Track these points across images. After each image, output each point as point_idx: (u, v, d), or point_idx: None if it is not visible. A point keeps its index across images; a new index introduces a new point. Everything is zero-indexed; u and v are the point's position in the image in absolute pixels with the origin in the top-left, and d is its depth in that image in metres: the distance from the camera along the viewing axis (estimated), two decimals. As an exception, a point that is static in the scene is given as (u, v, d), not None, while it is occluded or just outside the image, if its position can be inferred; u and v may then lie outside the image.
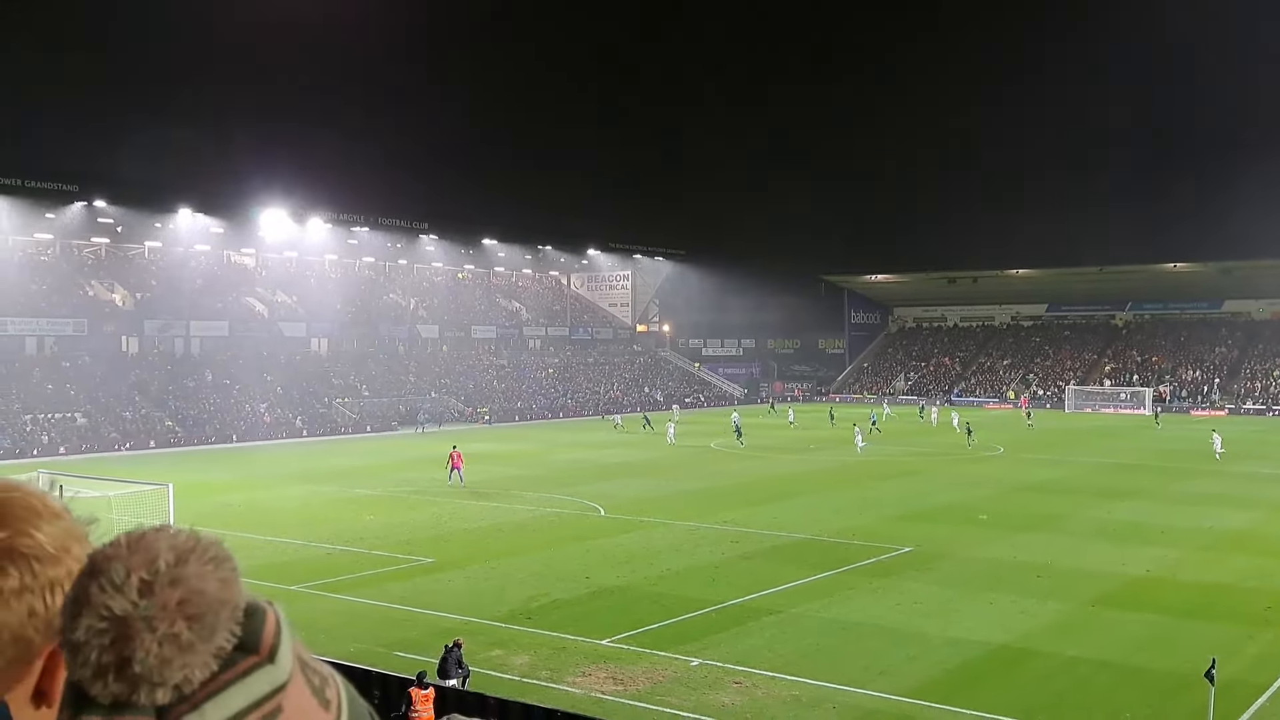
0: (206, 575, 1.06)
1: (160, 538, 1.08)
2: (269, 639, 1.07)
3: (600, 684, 18.08)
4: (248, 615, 1.07)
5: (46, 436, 55.90)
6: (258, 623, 1.07)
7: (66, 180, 65.77)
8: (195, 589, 1.04)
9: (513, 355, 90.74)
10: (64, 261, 72.76)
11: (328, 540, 30.53)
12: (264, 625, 1.07)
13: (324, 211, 77.97)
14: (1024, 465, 47.76)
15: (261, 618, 1.08)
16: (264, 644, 1.06)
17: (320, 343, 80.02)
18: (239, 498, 38.89)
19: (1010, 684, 18.26)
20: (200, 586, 1.05)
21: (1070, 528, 31.91)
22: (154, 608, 1.02)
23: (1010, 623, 21.59)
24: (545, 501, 37.36)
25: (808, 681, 18.10)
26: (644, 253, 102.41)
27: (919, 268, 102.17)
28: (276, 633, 1.08)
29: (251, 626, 1.07)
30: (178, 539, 1.08)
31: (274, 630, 1.08)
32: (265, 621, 1.08)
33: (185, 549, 1.07)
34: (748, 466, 47.86)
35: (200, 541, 1.10)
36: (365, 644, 20.33)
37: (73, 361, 64.37)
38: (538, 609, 22.83)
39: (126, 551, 1.06)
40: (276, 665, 1.06)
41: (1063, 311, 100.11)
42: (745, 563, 27.28)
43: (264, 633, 1.07)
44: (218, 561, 1.08)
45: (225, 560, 1.09)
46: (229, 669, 1.04)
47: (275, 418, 66.16)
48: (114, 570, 1.04)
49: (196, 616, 1.03)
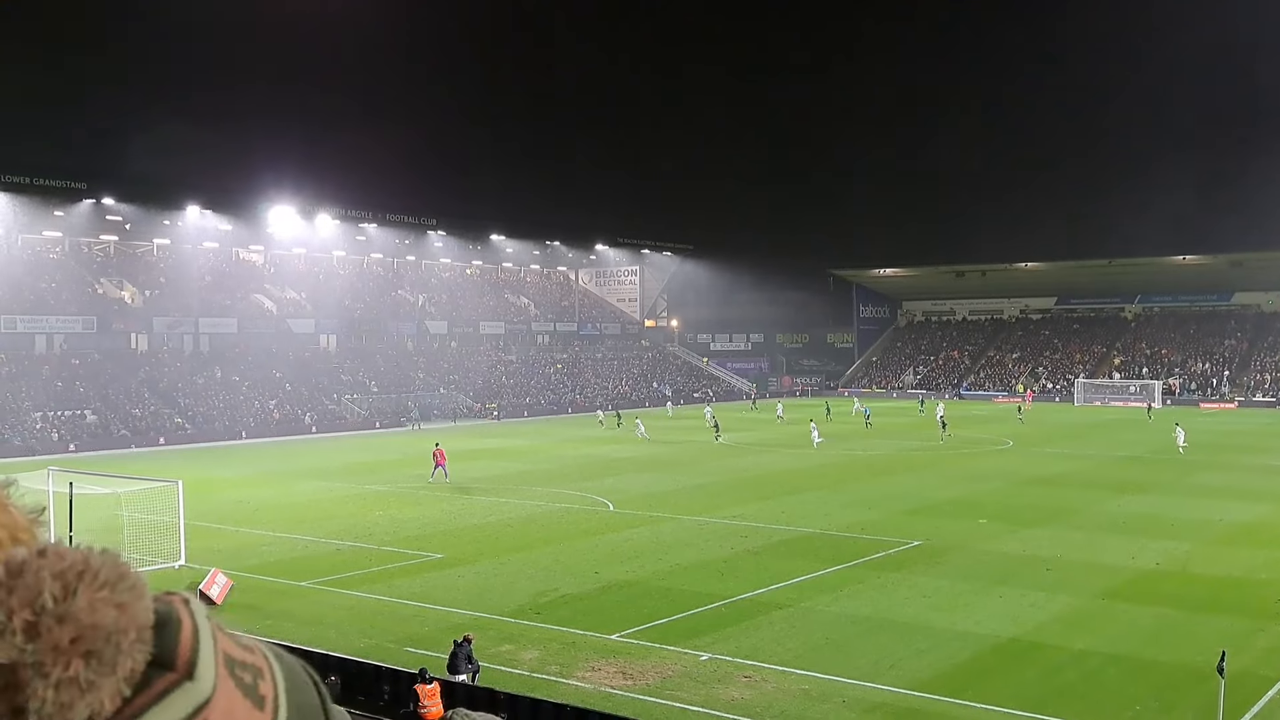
0: (100, 604, 0.93)
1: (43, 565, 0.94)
2: (185, 652, 0.96)
3: (609, 679, 18.09)
4: (160, 627, 0.96)
5: (56, 434, 56.14)
6: (171, 635, 0.96)
7: (75, 178, 65.99)
8: (88, 624, 0.92)
9: (521, 351, 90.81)
10: (73, 259, 73.01)
11: (337, 536, 30.61)
12: (178, 637, 0.96)
13: (332, 208, 78.11)
14: (1033, 459, 47.63)
15: (175, 629, 0.97)
16: (180, 659, 0.95)
17: (329, 339, 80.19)
18: (248, 494, 39.00)
19: (1020, 677, 18.22)
20: (94, 620, 0.92)
21: (1080, 521, 31.83)
22: (43, 651, 0.90)
23: (1020, 616, 21.55)
24: (554, 497, 37.40)
25: (817, 675, 18.09)
26: (652, 248, 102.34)
27: (928, 261, 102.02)
28: (194, 643, 0.97)
29: (165, 639, 0.96)
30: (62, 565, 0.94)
31: (190, 641, 0.96)
32: (180, 632, 0.97)
33: (71, 577, 0.93)
34: (756, 461, 47.83)
35: (90, 564, 0.95)
36: (375, 639, 20.39)
37: (82, 359, 64.61)
38: (547, 604, 22.86)
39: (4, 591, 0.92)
40: (196, 681, 0.95)
41: (1072, 304, 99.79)
42: (754, 557, 27.28)
43: (179, 646, 0.96)
44: (112, 585, 0.94)
45: (121, 579, 0.96)
46: (143, 691, 0.93)
47: (284, 414, 66.34)
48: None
49: (94, 653, 0.91)
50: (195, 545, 27.70)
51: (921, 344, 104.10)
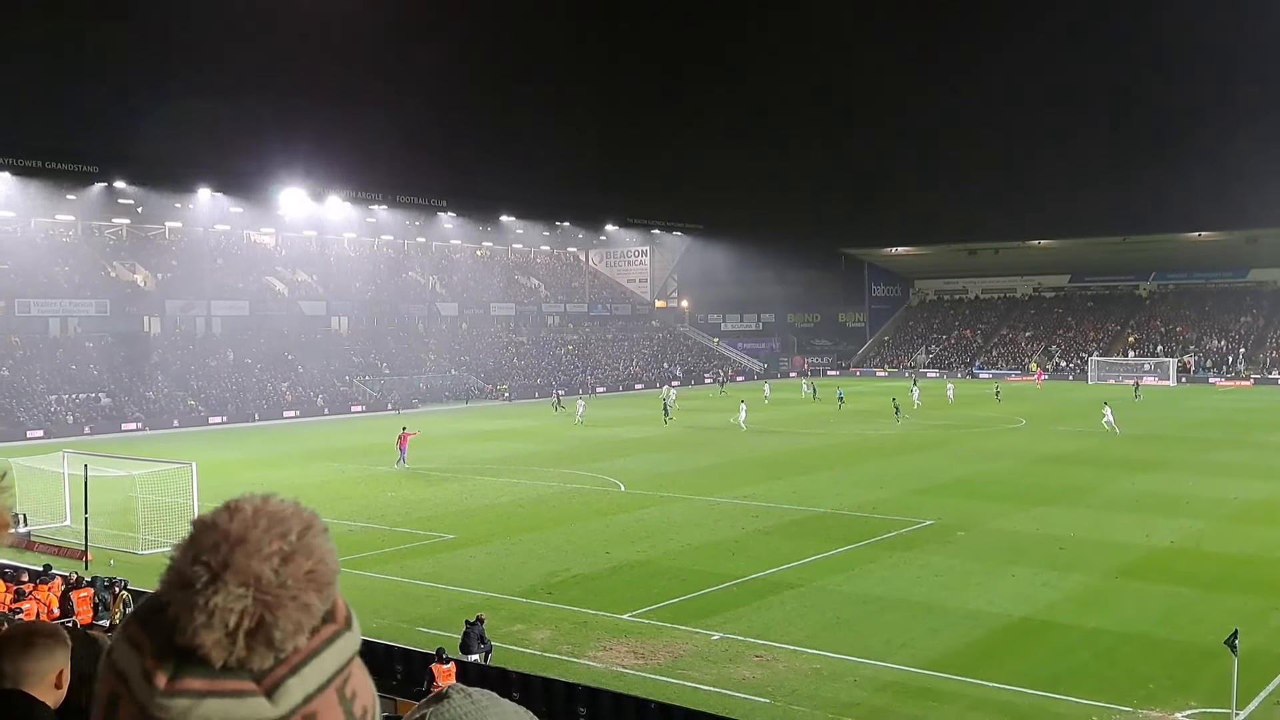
0: (326, 545, 1.10)
1: (284, 507, 1.10)
2: (344, 606, 1.11)
3: (621, 658, 18.14)
4: None
5: (71, 416, 56.45)
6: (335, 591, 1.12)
7: (87, 161, 66.04)
8: (320, 559, 1.08)
9: (532, 332, 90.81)
10: (85, 242, 73.21)
11: (350, 517, 30.71)
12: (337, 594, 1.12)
13: (343, 190, 78.04)
14: (1046, 437, 47.47)
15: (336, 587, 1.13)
16: (340, 611, 1.10)
17: (340, 321, 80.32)
18: (261, 476, 39.15)
19: (1032, 656, 18.20)
20: (324, 557, 1.09)
21: (1093, 499, 31.72)
22: (292, 576, 1.05)
23: (1032, 595, 21.51)
24: (565, 478, 37.45)
25: (829, 655, 18.10)
26: (662, 228, 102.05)
27: (940, 239, 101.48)
28: (347, 603, 1.12)
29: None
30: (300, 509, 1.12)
31: (344, 601, 1.12)
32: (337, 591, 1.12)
33: (308, 519, 1.10)
34: (767, 441, 47.80)
35: (311, 512, 1.13)
36: (388, 620, 20.48)
37: (96, 342, 64.87)
38: (559, 584, 22.92)
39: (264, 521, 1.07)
40: (353, 631, 1.11)
41: (1085, 282, 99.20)
42: (765, 537, 27.28)
43: (340, 600, 1.11)
44: (325, 533, 1.11)
45: (328, 530, 1.12)
46: (316, 635, 1.07)
47: (296, 396, 66.55)
48: (257, 538, 1.06)
49: (323, 585, 1.07)
50: (209, 527, 27.76)
51: (934, 323, 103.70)
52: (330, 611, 1.09)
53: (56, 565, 22.48)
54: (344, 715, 1.07)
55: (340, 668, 1.08)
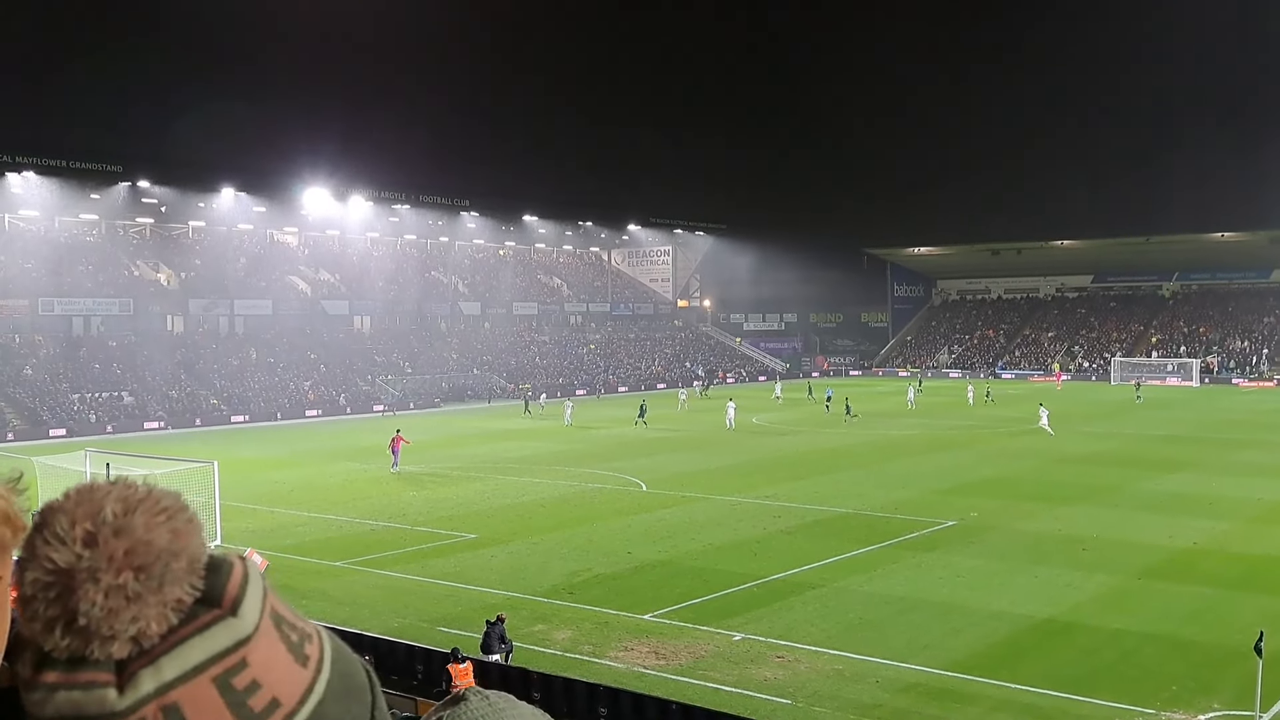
0: (156, 526, 1.03)
1: (109, 489, 1.06)
2: (233, 591, 1.05)
3: (643, 658, 18.14)
4: (211, 569, 1.06)
5: (94, 415, 56.95)
6: (222, 576, 1.06)
7: (111, 160, 66.61)
8: (142, 539, 1.02)
9: (554, 332, 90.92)
10: (109, 242, 73.83)
11: (371, 516, 30.86)
12: (228, 579, 1.06)
13: (365, 190, 78.38)
14: (1069, 437, 47.13)
15: (227, 571, 1.06)
16: (226, 597, 1.05)
17: (363, 321, 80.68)
18: (284, 475, 39.39)
19: (1056, 657, 18.09)
20: (147, 537, 1.02)
21: (1116, 500, 31.49)
22: (98, 558, 1.00)
23: (1056, 595, 21.38)
24: (587, 477, 37.49)
25: (851, 656, 18.05)
26: (685, 227, 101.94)
27: (962, 239, 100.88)
28: (242, 585, 1.06)
29: (214, 580, 1.05)
30: (127, 491, 1.06)
31: (239, 583, 1.06)
32: (230, 575, 1.06)
33: (134, 500, 1.05)
34: (788, 441, 47.69)
35: (152, 493, 1.07)
36: (409, 619, 20.56)
37: (119, 341, 65.42)
38: (580, 584, 22.95)
39: (73, 503, 1.04)
40: (240, 618, 1.04)
41: (1108, 282, 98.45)
42: (787, 537, 27.22)
43: (228, 586, 1.05)
44: (170, 513, 1.05)
45: (179, 512, 1.06)
46: (188, 623, 1.03)
47: (319, 395, 66.90)
48: (58, 522, 1.02)
49: (144, 567, 1.01)
50: (231, 526, 28.03)
51: (956, 323, 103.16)
52: (213, 595, 1.04)
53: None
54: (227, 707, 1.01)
55: (214, 656, 1.02)
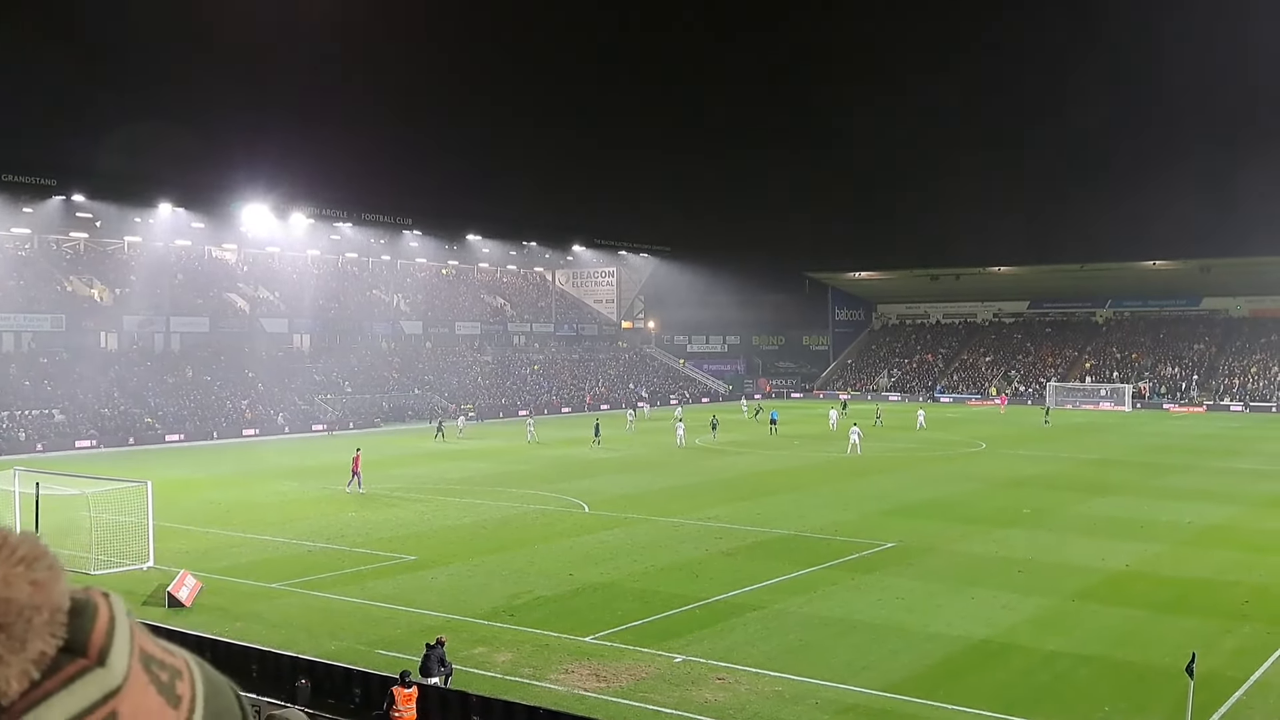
0: (15, 579, 0.93)
1: None
2: (99, 640, 0.96)
3: (583, 681, 18.03)
4: (75, 614, 0.96)
5: (24, 433, 55.41)
6: (86, 622, 0.96)
7: (44, 174, 65.09)
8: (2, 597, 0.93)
9: (497, 352, 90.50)
10: (42, 257, 72.10)
11: (309, 537, 30.36)
12: (93, 624, 0.96)
13: (306, 207, 77.47)
14: (1006, 461, 47.95)
15: (91, 616, 0.97)
16: (93, 646, 0.96)
17: (302, 339, 79.59)
18: (219, 495, 38.62)
19: (992, 678, 18.31)
20: (6, 594, 0.93)
21: (1052, 523, 32.06)
22: None
23: (992, 617, 21.66)
24: (529, 498, 37.27)
25: (790, 677, 18.10)
26: (629, 249, 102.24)
27: (902, 265, 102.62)
28: (109, 632, 0.97)
29: (79, 626, 0.96)
30: None
31: (105, 629, 0.97)
32: (95, 620, 0.97)
33: None
34: (732, 463, 47.88)
35: (7, 540, 0.96)
36: (346, 642, 20.22)
37: (51, 358, 63.82)
38: (521, 606, 22.76)
39: None
40: (108, 668, 0.96)
41: (1044, 308, 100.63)
42: (728, 559, 27.28)
43: (93, 633, 0.96)
44: (29, 561, 0.95)
45: (39, 559, 0.96)
46: (52, 676, 0.93)
47: (256, 414, 65.79)
48: None
49: (4, 626, 0.92)
50: (164, 547, 27.39)
51: (896, 347, 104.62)
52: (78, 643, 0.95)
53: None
54: None
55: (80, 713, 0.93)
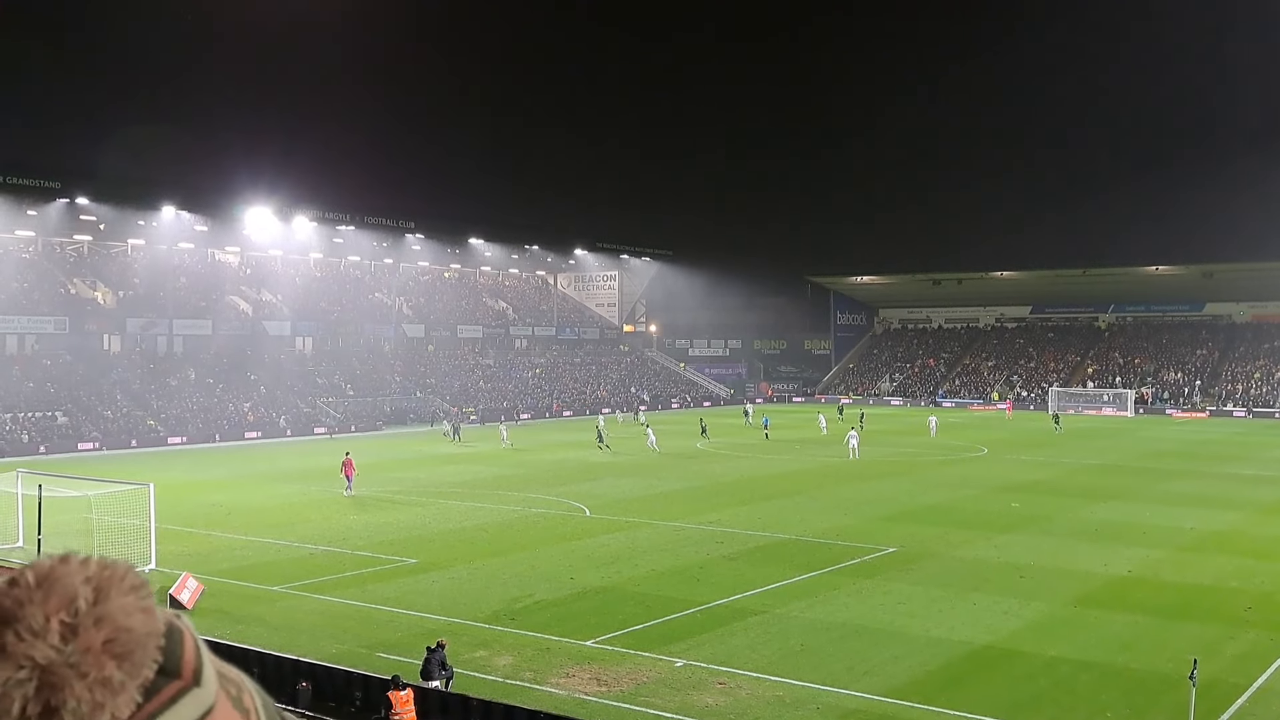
0: (130, 608, 0.97)
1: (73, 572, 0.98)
2: (190, 660, 1.00)
3: (584, 685, 18.03)
4: (166, 637, 1.00)
5: (26, 435, 55.47)
6: (176, 644, 1.00)
7: (48, 177, 65.21)
8: (121, 626, 0.96)
9: (499, 355, 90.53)
10: (46, 259, 72.22)
11: (310, 540, 30.38)
12: (183, 646, 1.00)
13: (309, 210, 77.56)
14: (1008, 466, 47.91)
15: (179, 638, 1.01)
16: (186, 666, 1.00)
17: (305, 342, 79.64)
18: (221, 498, 38.65)
19: (993, 684, 18.30)
20: (126, 623, 0.96)
21: (1053, 528, 32.02)
22: (80, 652, 0.94)
23: (993, 623, 21.65)
24: (530, 502, 37.28)
25: (791, 682, 18.10)
26: (631, 253, 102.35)
27: (904, 269, 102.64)
28: (197, 652, 1.01)
29: (171, 649, 1.00)
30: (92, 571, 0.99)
31: (194, 650, 1.01)
32: (184, 642, 1.01)
33: (104, 582, 0.98)
34: (733, 467, 47.87)
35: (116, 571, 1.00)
36: (347, 645, 20.23)
37: (54, 360, 63.89)
38: (521, 610, 22.76)
39: (40, 593, 0.96)
40: (203, 688, 1.00)
41: (1046, 313, 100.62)
42: (730, 563, 27.28)
43: (185, 654, 1.00)
44: (137, 590, 1.00)
45: (142, 586, 1.01)
46: (153, 698, 0.97)
47: (259, 417, 65.84)
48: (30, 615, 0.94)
49: (125, 655, 0.96)
50: (166, 549, 27.41)
51: (898, 351, 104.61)
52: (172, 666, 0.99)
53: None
54: None
55: None
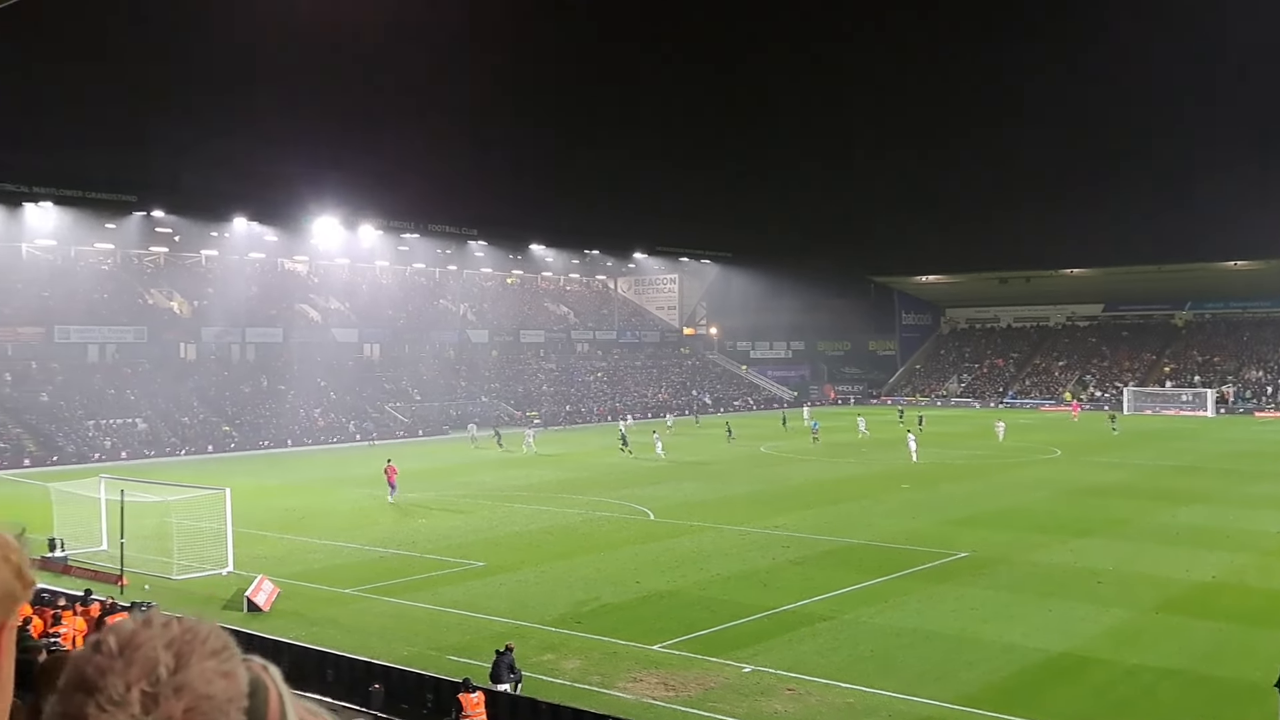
0: (210, 674, 0.96)
1: (155, 637, 0.97)
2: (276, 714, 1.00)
3: (651, 690, 17.99)
4: (250, 695, 0.99)
5: (109, 441, 57.08)
6: (260, 704, 0.99)
7: (126, 190, 67.08)
8: (202, 694, 0.95)
9: (561, 359, 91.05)
10: (124, 270, 74.31)
11: (380, 544, 30.80)
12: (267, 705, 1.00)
13: (375, 219, 78.79)
14: (1082, 468, 46.86)
15: (264, 695, 1.00)
16: None
17: (372, 348, 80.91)
18: (294, 502, 39.36)
19: (1070, 692, 17.87)
20: (207, 691, 0.95)
21: (1131, 532, 31.23)
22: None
23: (1070, 629, 21.15)
24: (594, 505, 37.37)
25: (861, 689, 17.86)
26: (691, 255, 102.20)
27: (970, 268, 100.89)
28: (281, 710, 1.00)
29: (256, 708, 0.99)
30: (173, 634, 0.98)
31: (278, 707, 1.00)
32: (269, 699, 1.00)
33: (184, 647, 0.97)
34: (799, 470, 47.51)
35: (198, 634, 0.99)
36: (418, 647, 20.44)
37: (133, 368, 65.69)
38: (588, 613, 22.81)
39: (122, 662, 0.95)
40: None
41: (1120, 311, 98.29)
42: (797, 568, 27.05)
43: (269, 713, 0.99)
44: (218, 654, 0.99)
45: (225, 648, 1.00)
46: None
47: (329, 422, 66.98)
48: (111, 685, 0.93)
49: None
50: (242, 552, 27.97)
51: (965, 351, 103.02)
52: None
53: (93, 590, 22.64)
54: None
55: None
